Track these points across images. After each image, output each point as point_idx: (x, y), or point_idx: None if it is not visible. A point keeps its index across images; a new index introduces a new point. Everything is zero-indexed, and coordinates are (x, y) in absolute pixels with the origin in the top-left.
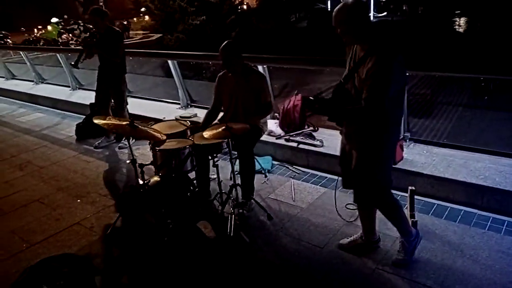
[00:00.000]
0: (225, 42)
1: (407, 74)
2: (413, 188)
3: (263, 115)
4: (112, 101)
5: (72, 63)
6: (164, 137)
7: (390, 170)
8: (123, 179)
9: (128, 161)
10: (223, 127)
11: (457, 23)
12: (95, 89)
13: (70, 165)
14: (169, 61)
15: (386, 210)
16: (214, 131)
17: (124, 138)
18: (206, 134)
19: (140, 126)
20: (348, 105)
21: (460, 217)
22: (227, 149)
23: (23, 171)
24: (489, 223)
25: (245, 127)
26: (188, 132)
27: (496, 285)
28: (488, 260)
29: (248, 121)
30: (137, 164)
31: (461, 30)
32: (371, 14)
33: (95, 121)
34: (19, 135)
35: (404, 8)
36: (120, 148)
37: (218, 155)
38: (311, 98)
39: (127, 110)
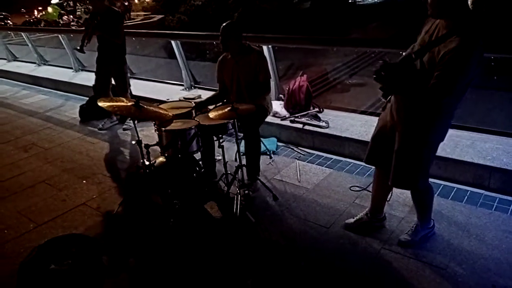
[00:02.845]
0: (225, 23)
1: None
2: None
3: (261, 95)
4: (114, 83)
5: (78, 48)
6: (171, 116)
7: (434, 155)
8: (128, 161)
9: (133, 142)
10: (229, 108)
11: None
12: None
13: (75, 147)
14: (173, 42)
15: (421, 195)
16: (220, 112)
17: (129, 119)
18: (212, 114)
19: (145, 107)
20: (412, 81)
21: (466, 197)
22: (233, 130)
23: (28, 152)
24: (495, 204)
25: (251, 108)
26: (193, 113)
27: (503, 265)
28: (495, 240)
29: (253, 101)
30: (142, 145)
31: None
32: None
33: (100, 104)
34: (23, 116)
35: None
36: (124, 129)
37: (223, 136)
38: (386, 62)
39: (131, 92)
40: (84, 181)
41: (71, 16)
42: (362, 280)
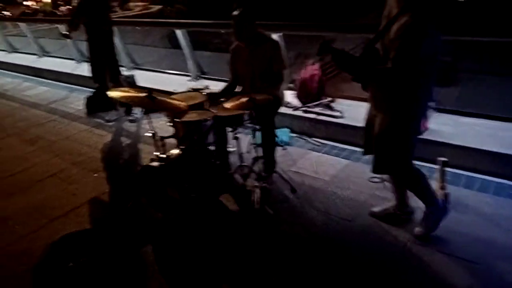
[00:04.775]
0: (238, 10)
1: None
2: (445, 159)
3: (275, 85)
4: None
5: (64, 32)
6: (186, 107)
7: (415, 139)
8: (139, 153)
9: (148, 134)
10: (247, 98)
11: None
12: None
13: (82, 139)
14: (177, 31)
15: (407, 180)
16: (237, 102)
17: (142, 111)
18: (228, 105)
19: (158, 98)
20: (376, 65)
21: (491, 188)
22: (248, 121)
23: (35, 145)
24: None
25: (269, 98)
26: (206, 104)
27: None
28: None
29: (267, 91)
30: (157, 137)
31: None
32: None
33: (111, 94)
34: (26, 109)
35: None
36: (130, 121)
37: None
38: (335, 48)
39: (132, 82)
40: (95, 175)
41: (69, 7)
42: (389, 276)
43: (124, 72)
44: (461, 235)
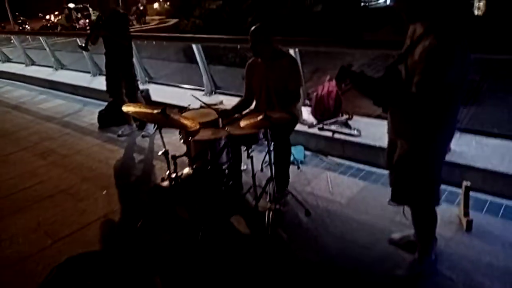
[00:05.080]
0: (255, 25)
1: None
2: (469, 183)
3: (292, 103)
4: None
5: (82, 45)
6: (197, 126)
7: (438, 170)
8: (150, 170)
9: (160, 153)
10: (262, 116)
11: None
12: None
13: (94, 154)
14: (194, 46)
15: (424, 215)
16: (252, 120)
17: (154, 126)
18: (243, 123)
19: (172, 115)
20: (397, 88)
21: None
22: (264, 139)
23: (46, 159)
24: None
25: (285, 116)
26: (220, 122)
27: None
28: None
29: (284, 109)
30: (169, 156)
31: (479, 13)
32: None
33: (125, 109)
34: (40, 122)
35: None
36: (143, 136)
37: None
38: (353, 70)
39: (147, 95)
40: (105, 191)
41: (87, 21)
42: None
43: (139, 86)
44: (489, 265)
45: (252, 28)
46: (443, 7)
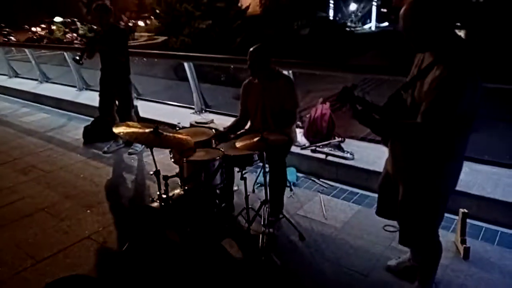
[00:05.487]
0: (256, 45)
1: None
2: (466, 211)
3: (288, 124)
4: (117, 104)
5: (77, 57)
6: (192, 145)
7: (445, 207)
8: (138, 189)
9: (151, 173)
10: (258, 138)
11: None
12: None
13: (78, 171)
14: (185, 63)
15: (428, 254)
16: (248, 142)
17: (142, 145)
18: (239, 144)
19: (165, 133)
20: (401, 118)
21: None
22: (258, 161)
23: (27, 175)
24: None
25: (282, 138)
26: (213, 142)
27: None
28: None
29: (280, 130)
30: (160, 176)
31: None
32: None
33: (115, 131)
34: (22, 136)
35: None
36: (130, 153)
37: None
38: (357, 96)
39: (136, 113)
40: (88, 211)
41: (75, 35)
42: None
43: None
44: None
45: (252, 48)
46: (453, 36)
